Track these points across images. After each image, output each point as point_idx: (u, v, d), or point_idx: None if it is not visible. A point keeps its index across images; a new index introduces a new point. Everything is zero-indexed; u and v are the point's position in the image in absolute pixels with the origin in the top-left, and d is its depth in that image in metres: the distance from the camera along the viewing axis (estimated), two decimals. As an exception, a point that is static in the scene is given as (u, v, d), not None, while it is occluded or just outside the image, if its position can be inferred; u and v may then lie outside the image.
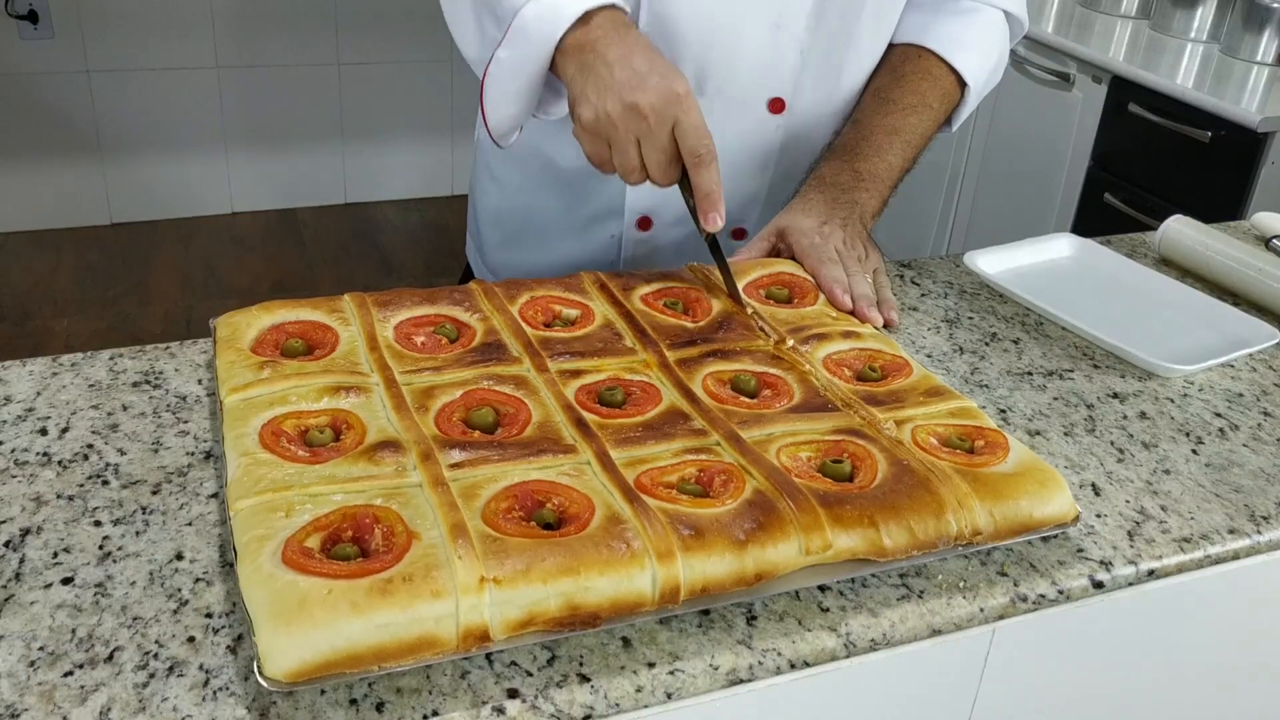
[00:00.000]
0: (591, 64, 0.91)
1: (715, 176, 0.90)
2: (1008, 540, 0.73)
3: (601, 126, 0.90)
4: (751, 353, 0.88)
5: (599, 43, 0.91)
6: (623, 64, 0.90)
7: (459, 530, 0.63)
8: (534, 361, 0.84)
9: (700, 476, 0.72)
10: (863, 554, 0.69)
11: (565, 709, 0.60)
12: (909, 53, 1.19)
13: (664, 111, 0.88)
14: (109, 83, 3.57)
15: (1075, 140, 2.72)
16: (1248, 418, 0.94)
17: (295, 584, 0.59)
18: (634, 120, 0.89)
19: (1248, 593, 0.84)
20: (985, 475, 0.74)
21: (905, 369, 0.88)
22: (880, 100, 1.16)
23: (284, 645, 0.57)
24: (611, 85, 0.89)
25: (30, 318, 3.21)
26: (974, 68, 1.19)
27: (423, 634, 0.59)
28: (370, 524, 0.65)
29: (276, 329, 0.85)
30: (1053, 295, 1.08)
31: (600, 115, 0.90)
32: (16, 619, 0.63)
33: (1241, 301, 1.14)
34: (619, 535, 0.65)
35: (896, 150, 1.13)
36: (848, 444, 0.77)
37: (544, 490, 0.69)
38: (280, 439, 0.73)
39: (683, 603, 0.65)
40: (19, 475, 0.75)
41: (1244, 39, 2.59)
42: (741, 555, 0.66)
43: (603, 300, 0.94)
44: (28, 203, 3.61)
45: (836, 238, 1.03)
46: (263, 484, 0.68)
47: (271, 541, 0.63)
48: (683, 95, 0.89)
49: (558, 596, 0.62)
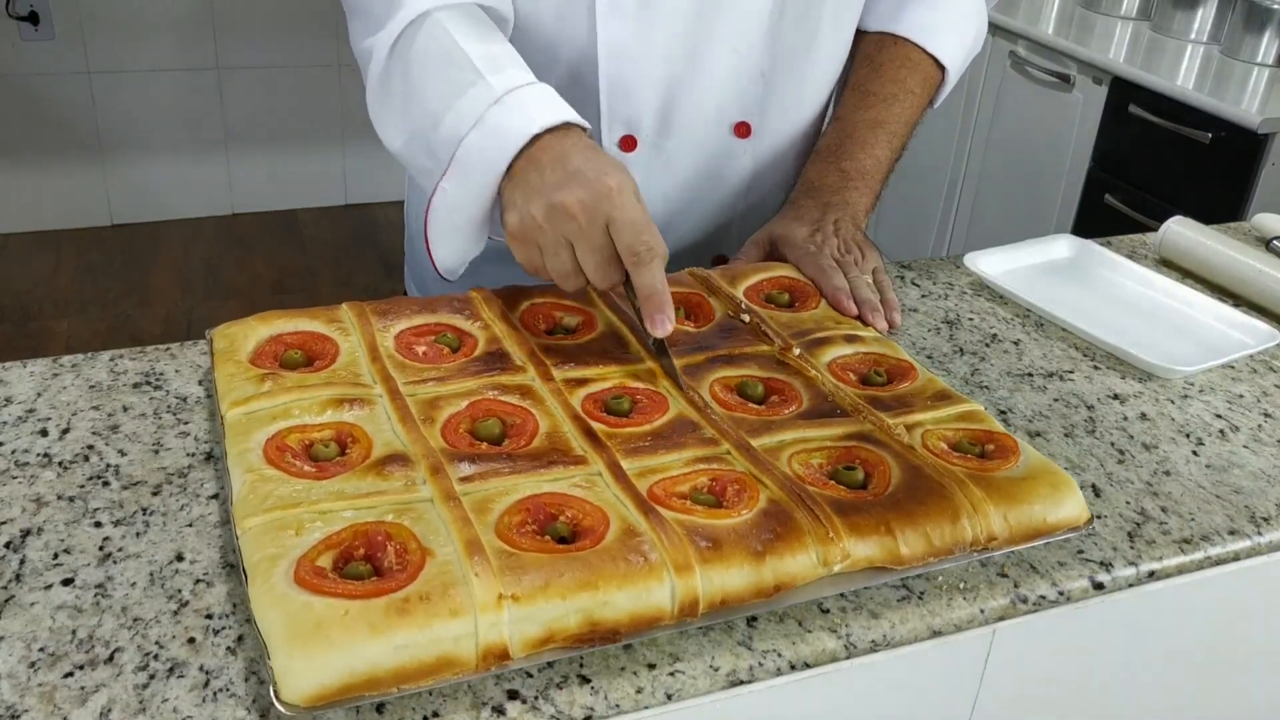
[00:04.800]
0: (524, 171, 0.85)
1: (659, 275, 0.82)
2: (1022, 545, 0.72)
3: (529, 231, 0.84)
4: (757, 358, 0.88)
5: (540, 154, 0.85)
6: (555, 166, 0.84)
7: (474, 546, 0.62)
8: (538, 370, 0.83)
9: (713, 486, 0.71)
10: (880, 562, 0.68)
11: (565, 710, 0.60)
12: (884, 41, 1.16)
13: (595, 208, 0.81)
14: (110, 84, 3.57)
15: (1075, 141, 2.72)
16: (1248, 419, 0.94)
17: (310, 606, 0.58)
18: (562, 220, 0.82)
19: (1248, 594, 0.84)
20: (998, 480, 0.74)
21: (910, 373, 0.87)
22: (860, 94, 1.14)
23: (301, 669, 0.56)
24: (540, 188, 0.84)
25: (31, 319, 3.21)
26: (951, 49, 1.17)
27: (442, 654, 0.58)
28: (383, 541, 0.63)
29: (275, 340, 0.84)
30: (1053, 296, 1.08)
31: (525, 219, 0.84)
32: (17, 620, 0.63)
33: (1242, 302, 1.14)
34: (636, 548, 0.64)
35: (882, 143, 1.12)
36: (859, 450, 0.76)
37: (557, 503, 0.68)
38: (285, 454, 0.71)
39: (701, 616, 0.64)
40: (19, 476, 0.75)
41: (1244, 40, 2.59)
42: (760, 567, 0.65)
43: (604, 306, 0.93)
44: (28, 203, 3.61)
45: (832, 243, 1.03)
46: (270, 501, 0.66)
47: (283, 561, 0.61)
48: (615, 190, 0.82)
49: (577, 613, 0.61)
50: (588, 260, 0.83)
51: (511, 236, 0.86)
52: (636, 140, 1.08)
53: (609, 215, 0.81)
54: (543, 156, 0.85)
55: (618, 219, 0.81)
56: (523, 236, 0.85)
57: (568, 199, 0.82)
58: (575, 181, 0.82)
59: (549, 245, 0.84)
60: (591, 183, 0.82)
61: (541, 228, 0.83)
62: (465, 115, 0.87)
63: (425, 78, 0.91)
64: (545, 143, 0.86)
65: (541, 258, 0.85)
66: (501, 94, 0.87)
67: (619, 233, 0.82)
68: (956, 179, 3.15)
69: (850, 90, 1.16)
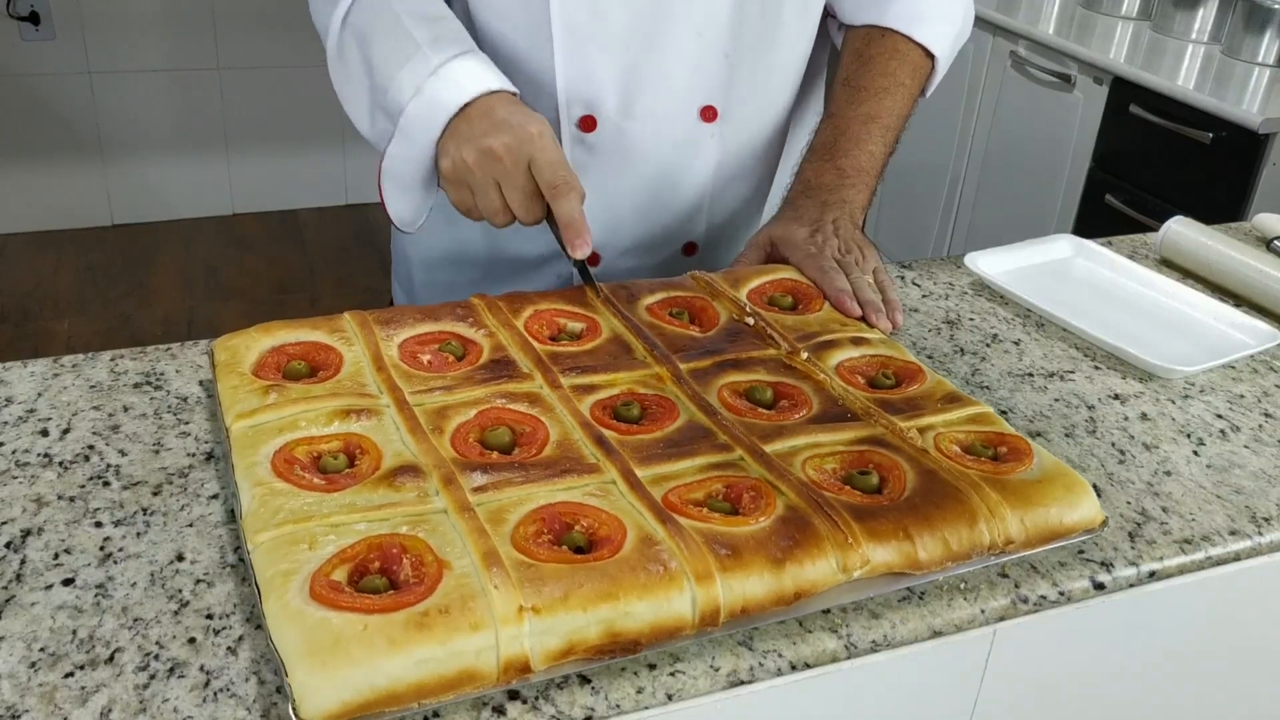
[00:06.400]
0: (456, 125, 0.95)
1: (576, 205, 0.91)
2: (1038, 549, 0.72)
3: (459, 172, 0.94)
4: (764, 362, 0.87)
5: (471, 110, 0.95)
6: (482, 118, 0.93)
7: (492, 558, 0.62)
8: (545, 377, 0.82)
9: (728, 493, 0.71)
10: (898, 568, 0.68)
11: (566, 710, 0.60)
12: (871, 34, 1.16)
13: (518, 150, 0.91)
14: (110, 84, 3.57)
15: (1076, 141, 2.72)
16: (1249, 419, 0.94)
17: (328, 621, 0.57)
18: (489, 163, 0.92)
19: (1249, 594, 0.84)
20: (1013, 482, 0.73)
21: (919, 375, 0.87)
22: (851, 89, 1.14)
23: (321, 686, 0.55)
24: (469, 136, 0.93)
25: (31, 319, 3.21)
26: (939, 37, 1.17)
27: (463, 668, 0.58)
28: (398, 554, 0.63)
29: (277, 351, 0.83)
30: (1054, 296, 1.08)
31: (457, 162, 0.93)
32: (17, 620, 0.63)
33: (1242, 303, 1.14)
34: (654, 557, 0.63)
35: (876, 138, 1.12)
36: (872, 454, 0.76)
37: (572, 512, 0.67)
38: (294, 466, 0.70)
39: (722, 625, 0.64)
40: (20, 476, 0.75)
41: (1245, 40, 2.59)
42: (780, 574, 0.65)
43: (607, 312, 0.93)
44: (29, 204, 3.61)
45: (832, 244, 1.03)
46: (281, 515, 0.66)
47: (297, 576, 0.61)
48: (536, 135, 0.91)
49: (598, 624, 0.60)
50: (513, 197, 0.93)
51: (445, 179, 0.96)
52: (596, 120, 1.09)
53: (530, 156, 0.91)
54: (472, 111, 0.95)
55: (538, 159, 0.91)
56: (455, 179, 0.95)
57: (494, 143, 0.91)
58: (500, 129, 0.92)
59: (479, 185, 0.93)
60: (515, 129, 0.92)
61: (471, 170, 0.93)
62: (405, 86, 0.96)
63: (372, 48, 1.00)
64: (476, 101, 0.95)
65: (473, 198, 0.95)
66: (437, 66, 0.95)
67: (540, 171, 0.91)
68: (957, 179, 3.15)
69: (841, 85, 1.15)
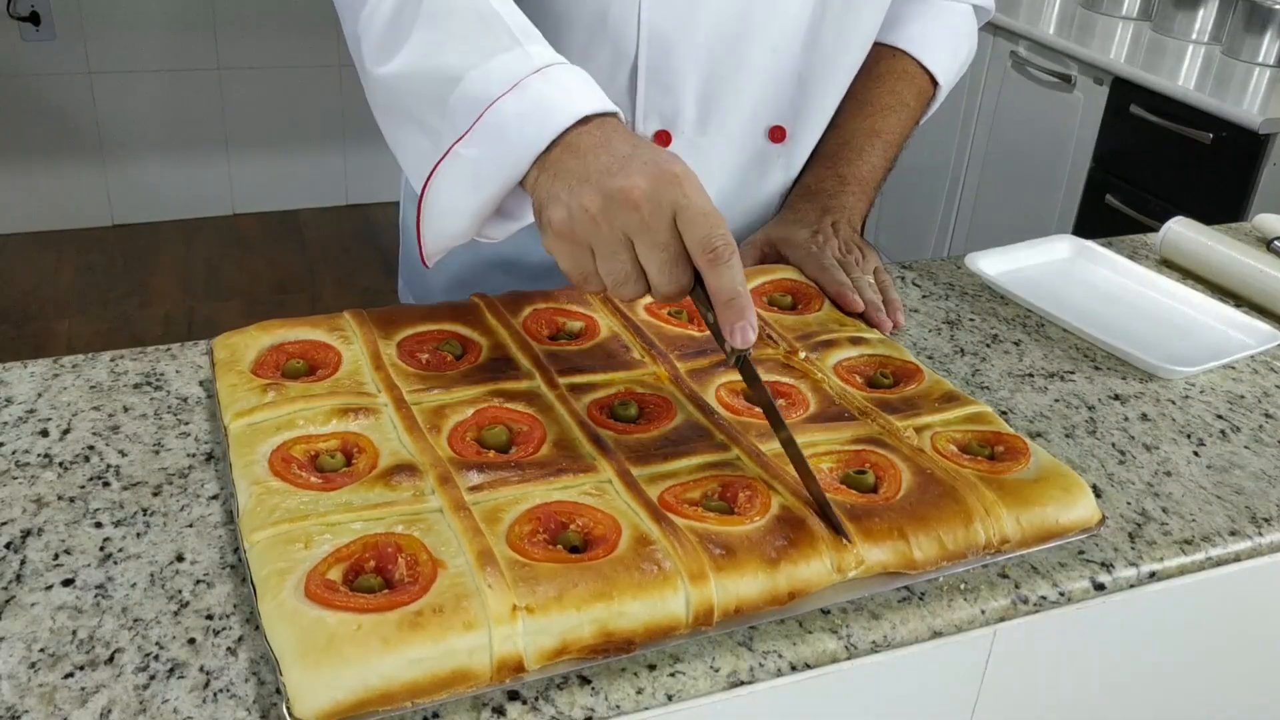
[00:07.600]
0: (560, 160, 0.73)
1: (739, 275, 0.68)
2: (1034, 549, 0.72)
3: (579, 227, 0.70)
4: (762, 362, 0.87)
5: (579, 140, 0.73)
6: (599, 151, 0.71)
7: (486, 557, 0.62)
8: (543, 376, 0.82)
9: (723, 492, 0.71)
10: (894, 567, 0.68)
11: (566, 710, 0.60)
12: (881, 53, 1.17)
13: (660, 196, 0.68)
14: (110, 84, 3.57)
15: (1076, 142, 2.72)
16: (1249, 419, 0.94)
17: (322, 620, 0.57)
18: (621, 211, 0.68)
19: (1249, 595, 0.84)
20: (1009, 482, 0.73)
21: (917, 374, 0.87)
22: (859, 103, 1.15)
23: (314, 685, 0.55)
24: (587, 175, 0.70)
25: (31, 319, 3.21)
26: (945, 64, 1.19)
27: (456, 667, 0.58)
28: (393, 553, 0.63)
29: (276, 349, 0.83)
30: (1054, 297, 1.08)
31: (575, 213, 0.70)
32: (17, 620, 0.63)
33: (1243, 303, 1.13)
34: (649, 556, 0.63)
35: (878, 152, 1.13)
36: (868, 454, 0.76)
37: (567, 511, 0.67)
38: (291, 465, 0.70)
39: (716, 625, 0.64)
40: (20, 477, 0.75)
41: (1245, 40, 2.59)
42: (774, 574, 0.65)
43: (605, 311, 0.93)
44: (29, 204, 3.61)
45: (833, 244, 1.03)
46: (278, 514, 0.66)
47: (292, 575, 0.61)
48: (681, 176, 0.69)
49: (592, 623, 0.60)
50: (651, 259, 0.69)
51: (557, 235, 0.72)
52: (672, 135, 1.06)
53: (676, 204, 0.68)
54: (582, 142, 0.73)
55: (688, 209, 0.68)
56: (571, 235, 0.71)
57: (626, 185, 0.68)
58: (631, 168, 0.69)
59: (604, 243, 0.70)
60: (650, 168, 0.69)
61: (595, 221, 0.69)
62: (498, 77, 0.76)
63: (446, 30, 0.79)
64: (585, 129, 0.74)
65: (593, 261, 0.71)
66: (541, 65, 0.76)
67: (689, 225, 0.68)
68: (957, 179, 3.15)
69: (849, 98, 1.16)
